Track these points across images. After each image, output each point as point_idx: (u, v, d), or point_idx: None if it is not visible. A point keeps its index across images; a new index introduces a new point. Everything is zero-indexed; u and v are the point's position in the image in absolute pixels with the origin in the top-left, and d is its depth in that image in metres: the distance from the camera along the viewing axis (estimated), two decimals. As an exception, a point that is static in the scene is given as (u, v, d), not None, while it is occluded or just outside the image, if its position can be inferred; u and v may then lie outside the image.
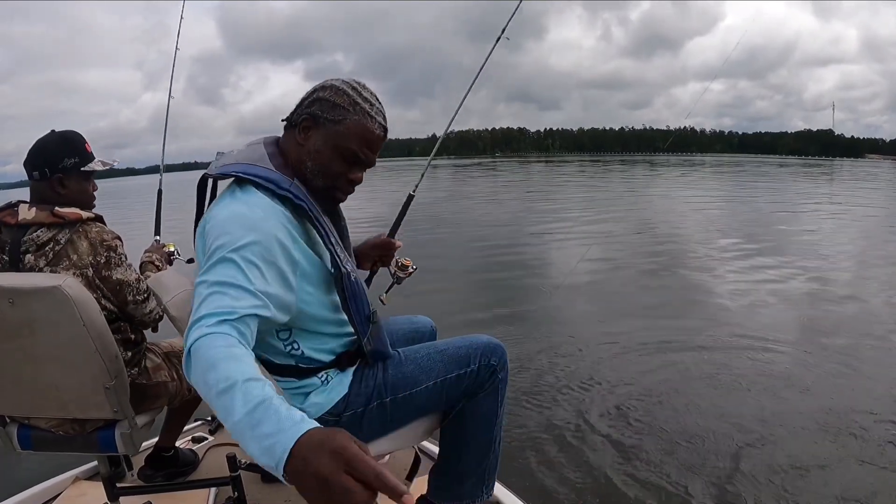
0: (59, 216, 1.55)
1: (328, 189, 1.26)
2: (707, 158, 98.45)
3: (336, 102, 1.21)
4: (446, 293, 6.10)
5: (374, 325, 1.31)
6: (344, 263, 1.22)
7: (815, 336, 4.54)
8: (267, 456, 0.74)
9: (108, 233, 1.61)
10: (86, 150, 1.68)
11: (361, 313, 1.27)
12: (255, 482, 1.97)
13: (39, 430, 1.58)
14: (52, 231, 1.55)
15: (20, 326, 1.39)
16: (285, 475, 0.73)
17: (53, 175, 1.61)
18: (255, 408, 0.80)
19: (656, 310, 5.48)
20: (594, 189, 24.18)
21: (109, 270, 1.58)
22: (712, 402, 3.42)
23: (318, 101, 1.22)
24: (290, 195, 1.15)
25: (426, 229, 11.12)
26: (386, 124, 1.26)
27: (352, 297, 1.23)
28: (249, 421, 0.79)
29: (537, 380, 3.82)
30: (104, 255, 1.58)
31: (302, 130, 1.23)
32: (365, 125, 1.22)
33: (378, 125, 1.24)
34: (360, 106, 1.21)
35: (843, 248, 8.68)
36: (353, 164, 1.25)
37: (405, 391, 1.36)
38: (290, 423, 0.76)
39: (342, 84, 1.23)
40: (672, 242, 9.53)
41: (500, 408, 1.46)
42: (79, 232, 1.57)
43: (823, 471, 2.63)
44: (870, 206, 15.24)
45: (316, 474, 0.70)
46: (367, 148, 1.24)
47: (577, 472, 2.72)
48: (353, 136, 1.21)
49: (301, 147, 1.23)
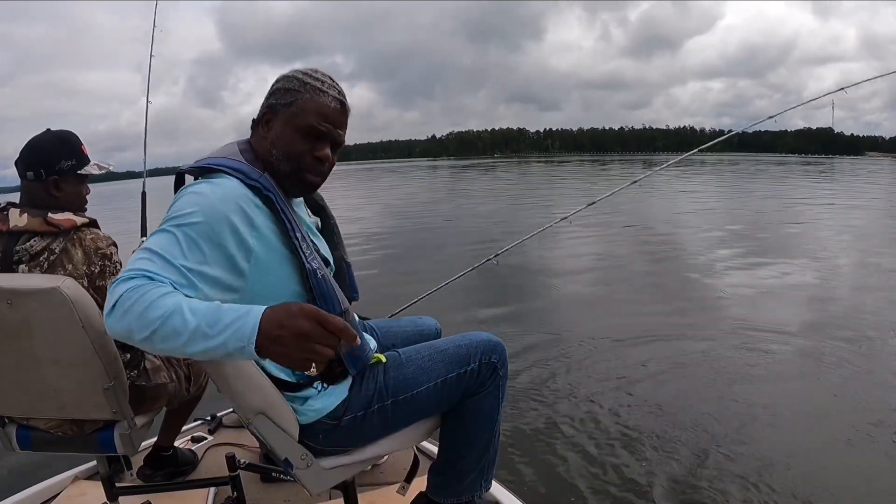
0: (53, 224, 1.51)
1: (297, 172, 1.25)
2: (705, 157, 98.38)
3: (288, 88, 1.24)
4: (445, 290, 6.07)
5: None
6: (309, 260, 1.21)
7: (819, 331, 4.54)
8: (235, 338, 0.90)
9: (102, 239, 1.58)
10: (82, 152, 1.64)
11: (332, 311, 1.21)
12: (254, 482, 1.97)
13: (38, 430, 1.58)
14: (45, 240, 1.51)
15: (18, 327, 1.38)
16: (257, 348, 0.90)
17: (49, 177, 1.57)
18: (208, 310, 0.93)
19: (656, 306, 5.48)
20: (595, 188, 24.18)
21: (104, 280, 1.54)
22: (712, 398, 3.41)
23: (274, 93, 1.26)
24: (259, 185, 1.16)
25: (426, 229, 11.10)
26: (343, 98, 1.28)
27: (319, 295, 1.22)
28: (206, 321, 0.91)
29: (534, 376, 3.83)
30: (98, 263, 1.54)
31: (265, 124, 1.26)
32: (317, 100, 1.23)
33: (331, 98, 1.25)
34: (309, 85, 1.24)
35: (845, 248, 8.67)
36: (315, 140, 1.24)
37: (406, 393, 1.35)
38: (246, 308, 0.93)
39: (292, 72, 1.28)
40: (670, 239, 9.54)
41: (500, 405, 1.47)
42: (73, 240, 1.53)
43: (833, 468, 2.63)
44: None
45: (297, 334, 0.90)
46: (325, 121, 1.24)
47: (574, 470, 2.72)
48: (307, 112, 1.22)
49: (265, 139, 1.26)
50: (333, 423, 1.30)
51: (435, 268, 7.35)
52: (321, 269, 1.24)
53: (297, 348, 0.90)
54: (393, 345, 1.53)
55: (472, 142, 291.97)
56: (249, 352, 0.91)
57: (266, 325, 0.91)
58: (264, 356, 0.92)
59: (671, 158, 4.71)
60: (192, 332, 0.90)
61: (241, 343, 0.90)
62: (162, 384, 1.72)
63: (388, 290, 5.57)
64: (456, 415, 1.43)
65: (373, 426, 1.35)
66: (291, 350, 0.91)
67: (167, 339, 0.90)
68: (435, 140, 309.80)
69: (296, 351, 0.91)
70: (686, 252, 8.49)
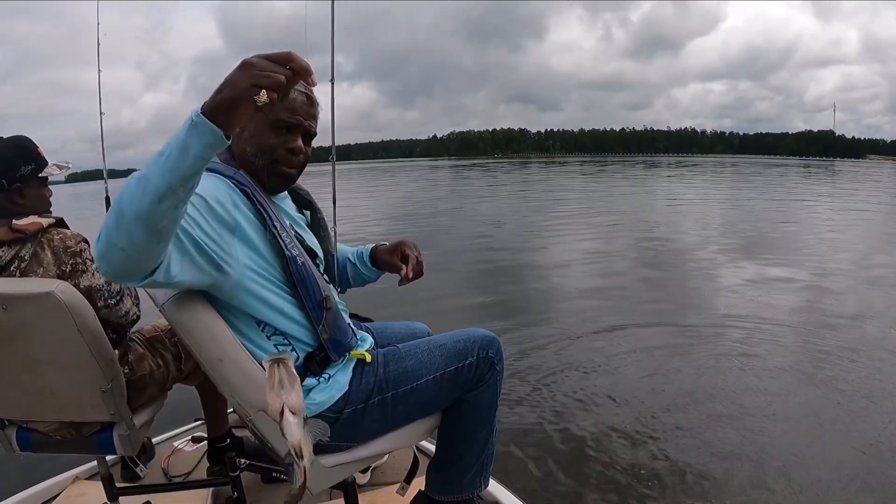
0: (19, 231, 1.47)
1: (272, 165, 1.30)
2: (701, 159, 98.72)
3: None
4: (444, 288, 6.10)
5: (327, 311, 1.30)
6: (289, 248, 1.24)
7: (821, 330, 4.53)
8: (183, 129, 0.85)
9: (70, 238, 1.54)
10: (40, 154, 1.62)
11: (313, 298, 1.27)
12: (254, 482, 1.97)
13: (38, 432, 1.58)
14: (13, 248, 1.47)
15: (14, 331, 1.37)
16: (206, 112, 0.85)
17: (12, 185, 1.54)
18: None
19: (655, 304, 5.49)
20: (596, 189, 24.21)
21: (76, 278, 1.51)
22: (712, 397, 3.40)
23: None
24: (234, 180, 1.21)
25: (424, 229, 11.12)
26: (308, 91, 1.31)
27: (300, 281, 1.25)
28: (154, 154, 0.86)
29: (531, 373, 3.83)
30: (69, 262, 1.52)
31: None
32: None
33: (297, 92, 1.28)
34: None
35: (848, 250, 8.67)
36: (285, 132, 1.30)
37: (406, 385, 1.37)
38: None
39: None
40: (668, 237, 9.55)
41: (497, 401, 1.48)
42: (41, 243, 1.51)
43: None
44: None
45: (240, 69, 0.86)
46: (294, 114, 1.29)
47: (571, 467, 2.72)
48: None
49: (240, 139, 1.30)
50: (334, 417, 1.31)
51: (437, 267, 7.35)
52: (301, 256, 1.27)
53: (242, 78, 0.85)
54: (389, 344, 1.53)
55: (473, 142, 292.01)
56: (202, 122, 0.85)
57: (208, 100, 0.87)
58: (213, 110, 0.85)
59: (673, 159, 4.71)
60: (151, 164, 0.85)
61: (190, 121, 0.85)
62: (147, 373, 1.68)
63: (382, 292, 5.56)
64: (454, 411, 1.44)
65: (373, 419, 1.36)
66: (238, 84, 0.85)
67: (134, 194, 0.84)
68: (436, 140, 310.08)
69: (241, 82, 0.85)
70: (687, 251, 8.50)
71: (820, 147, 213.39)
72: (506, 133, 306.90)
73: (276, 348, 1.26)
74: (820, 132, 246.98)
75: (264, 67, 0.86)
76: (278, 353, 1.14)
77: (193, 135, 0.85)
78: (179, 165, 0.84)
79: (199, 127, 0.85)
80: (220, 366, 1.19)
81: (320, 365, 1.30)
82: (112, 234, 0.86)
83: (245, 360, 1.21)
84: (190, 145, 0.84)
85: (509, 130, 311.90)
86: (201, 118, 0.85)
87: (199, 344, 1.20)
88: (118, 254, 0.87)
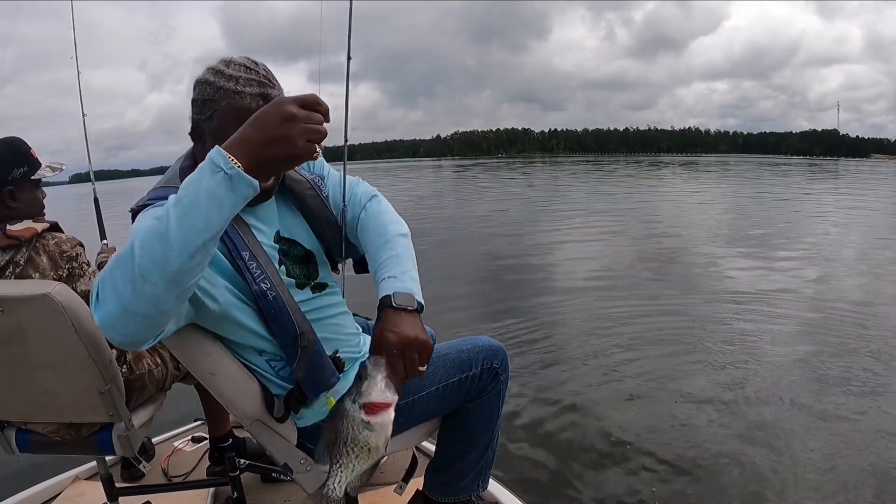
0: (14, 237, 1.45)
1: None
2: (702, 159, 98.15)
3: (203, 99, 1.11)
4: (447, 288, 6.09)
5: (302, 349, 1.16)
6: (258, 282, 1.12)
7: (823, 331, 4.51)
8: (211, 176, 0.77)
9: (66, 241, 1.53)
10: (32, 156, 1.59)
11: (286, 334, 1.15)
12: (254, 482, 1.97)
13: (37, 433, 1.58)
14: (8, 253, 1.46)
15: (11, 333, 1.37)
16: (245, 167, 0.78)
17: (4, 188, 1.52)
18: (170, 199, 0.79)
19: (661, 307, 5.43)
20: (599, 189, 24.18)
21: (74, 283, 1.50)
22: (713, 397, 3.37)
23: (193, 105, 1.14)
24: None
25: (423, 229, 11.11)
26: (265, 89, 1.10)
27: (271, 318, 1.14)
28: (175, 199, 0.78)
29: (534, 374, 3.82)
30: (66, 267, 1.51)
31: (197, 140, 1.17)
32: (236, 105, 1.08)
33: (250, 97, 1.08)
34: (223, 90, 1.08)
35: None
36: None
37: (408, 397, 1.34)
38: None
39: (205, 74, 1.12)
40: (674, 235, 9.51)
41: (501, 408, 1.47)
42: (36, 248, 1.49)
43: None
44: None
45: (285, 118, 0.79)
46: None
47: (572, 468, 2.71)
48: (230, 123, 1.00)
49: (203, 154, 1.17)
50: None
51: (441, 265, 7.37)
52: (272, 290, 1.13)
53: (295, 135, 0.79)
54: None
55: (477, 142, 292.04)
56: (238, 176, 0.77)
57: (233, 140, 0.80)
58: (259, 165, 0.79)
59: (677, 159, 4.70)
60: (171, 220, 0.76)
61: (217, 171, 0.77)
62: (145, 372, 1.67)
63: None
64: (456, 417, 1.42)
65: None
66: (292, 141, 0.79)
67: (156, 257, 0.75)
68: (439, 140, 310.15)
69: (297, 140, 0.79)
70: (690, 249, 8.47)
71: (824, 146, 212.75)
72: (509, 133, 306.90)
73: (269, 364, 1.22)
74: (824, 131, 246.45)
75: (312, 119, 0.80)
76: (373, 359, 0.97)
77: (227, 189, 0.77)
78: (213, 220, 0.77)
79: (234, 181, 0.77)
80: (213, 380, 1.18)
81: (297, 401, 1.23)
82: (131, 303, 0.76)
83: (238, 374, 1.20)
84: (224, 200, 0.77)
85: (513, 130, 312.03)
86: (237, 172, 0.77)
87: (191, 359, 1.17)
88: (140, 322, 0.79)
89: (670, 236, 10.02)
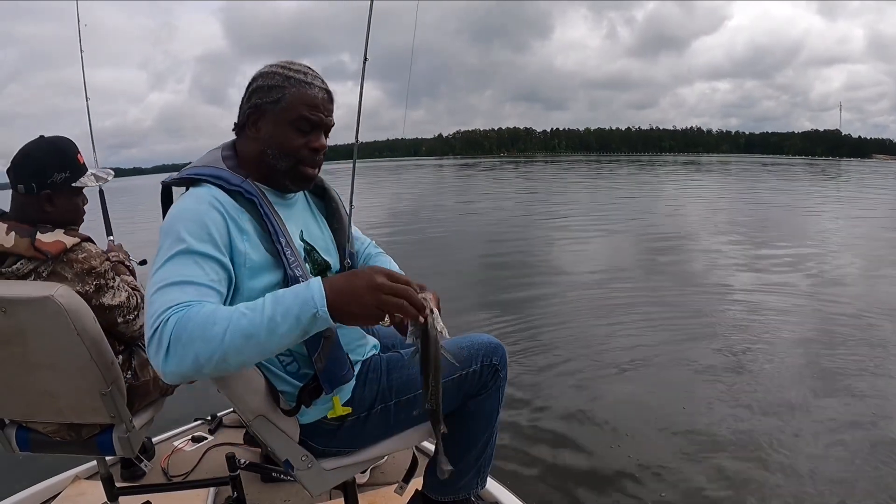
0: (41, 251, 1.42)
1: (295, 166, 1.25)
2: (703, 159, 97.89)
3: (271, 85, 1.22)
4: (449, 289, 6.09)
5: (325, 339, 1.22)
6: (292, 267, 1.18)
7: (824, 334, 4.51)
8: (306, 308, 0.93)
9: (95, 258, 1.50)
10: (78, 161, 1.56)
11: None
12: (254, 482, 1.97)
13: (37, 432, 1.57)
14: (32, 263, 1.44)
15: (13, 334, 1.36)
16: (329, 308, 0.93)
17: (41, 191, 1.48)
18: (262, 302, 0.94)
19: (660, 305, 5.44)
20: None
21: (100, 298, 1.50)
22: (713, 397, 3.38)
23: (256, 92, 1.24)
24: (241, 190, 1.17)
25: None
26: (327, 87, 1.27)
27: None
28: (268, 311, 0.93)
29: (533, 374, 3.83)
30: (93, 283, 1.49)
31: (252, 125, 1.25)
32: (304, 92, 1.22)
33: (317, 88, 1.24)
34: (293, 78, 1.22)
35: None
36: (308, 131, 1.25)
37: (408, 394, 1.35)
38: (302, 284, 0.97)
39: (270, 67, 1.25)
40: (677, 236, 9.50)
41: (500, 406, 1.47)
42: (62, 262, 1.46)
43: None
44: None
45: (369, 285, 0.95)
46: (315, 110, 1.24)
47: (570, 466, 2.72)
48: (297, 105, 1.22)
49: (256, 140, 1.24)
50: (337, 425, 1.30)
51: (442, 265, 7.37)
52: (304, 277, 1.19)
53: (372, 298, 0.95)
54: (393, 345, 1.52)
55: (479, 141, 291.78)
56: (324, 316, 0.93)
57: (330, 286, 0.95)
58: (338, 316, 0.95)
59: (679, 158, 4.70)
60: (261, 328, 0.92)
61: (313, 309, 0.93)
62: (148, 379, 1.67)
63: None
64: (456, 415, 1.42)
65: (375, 426, 1.35)
66: (366, 301, 0.95)
67: (241, 349, 0.91)
68: (441, 139, 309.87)
69: (371, 301, 0.95)
70: (692, 250, 8.46)
71: (826, 147, 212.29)
72: (511, 132, 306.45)
73: (278, 358, 1.25)
74: (826, 131, 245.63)
75: (390, 290, 0.97)
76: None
77: (313, 324, 0.94)
78: (291, 340, 0.95)
79: (319, 321, 0.94)
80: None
81: (311, 395, 1.26)
82: (205, 371, 0.92)
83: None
84: (308, 331, 0.95)
85: (515, 129, 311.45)
86: (326, 314, 0.93)
87: None
88: (199, 377, 0.94)
89: (670, 234, 10.04)
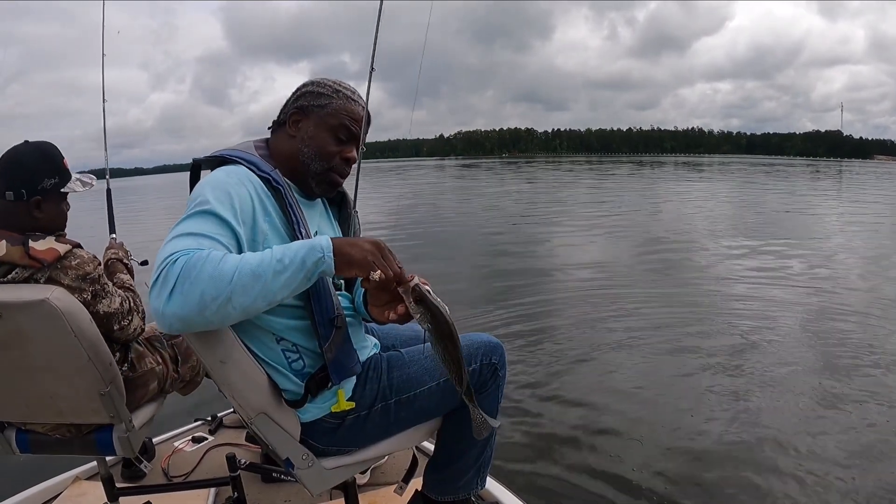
0: (36, 259, 1.42)
1: (326, 171, 1.32)
2: (705, 159, 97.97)
3: (320, 92, 1.33)
4: (450, 288, 6.10)
5: (337, 329, 1.25)
6: None
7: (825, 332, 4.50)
8: (313, 253, 1.02)
9: (88, 263, 1.49)
10: (64, 166, 1.56)
11: (324, 314, 1.23)
12: (254, 482, 1.97)
13: (37, 433, 1.57)
14: (27, 271, 1.43)
15: (10, 339, 1.36)
16: (334, 254, 1.03)
17: (31, 198, 1.48)
18: (274, 247, 1.02)
19: (661, 308, 5.43)
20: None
21: (96, 305, 1.50)
22: (713, 397, 3.38)
23: (304, 95, 1.33)
24: (269, 177, 1.22)
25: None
26: (368, 111, 1.39)
27: (314, 293, 1.21)
28: (276, 256, 1.00)
29: (532, 374, 3.83)
30: (89, 290, 1.48)
31: (293, 124, 1.33)
32: (349, 106, 1.33)
33: (361, 107, 1.35)
34: (342, 92, 1.34)
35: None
36: (345, 141, 1.33)
37: (409, 392, 1.36)
38: (310, 238, 1.09)
39: (322, 79, 1.36)
40: (678, 237, 9.50)
41: (499, 405, 1.48)
42: (57, 269, 1.45)
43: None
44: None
45: (372, 246, 1.07)
46: (356, 124, 1.34)
47: (571, 466, 2.72)
48: (341, 114, 1.32)
49: (293, 138, 1.32)
50: (336, 423, 1.31)
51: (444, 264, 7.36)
52: None
53: (370, 253, 1.06)
54: (393, 345, 1.52)
55: (480, 141, 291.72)
56: (329, 262, 1.03)
57: (336, 239, 1.05)
58: (339, 261, 1.04)
59: (681, 159, 4.70)
60: (269, 268, 0.98)
61: (319, 253, 1.02)
62: (148, 370, 1.67)
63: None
64: (456, 415, 1.42)
65: (375, 425, 1.36)
66: (365, 247, 1.06)
67: (247, 289, 0.95)
68: (442, 139, 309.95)
69: (370, 254, 1.06)
70: (696, 252, 8.46)
71: (827, 147, 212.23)
72: (512, 132, 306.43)
73: (284, 354, 1.25)
74: (827, 132, 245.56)
75: (384, 258, 1.08)
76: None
77: (316, 269, 1.03)
78: (298, 286, 1.03)
79: (322, 265, 1.03)
80: (223, 368, 1.18)
81: (318, 385, 1.27)
82: (208, 313, 0.94)
83: (248, 363, 1.20)
84: (311, 276, 1.03)
85: (516, 130, 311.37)
86: (330, 260, 1.03)
87: (202, 345, 1.18)
88: (201, 325, 0.97)
89: (669, 234, 10.03)
